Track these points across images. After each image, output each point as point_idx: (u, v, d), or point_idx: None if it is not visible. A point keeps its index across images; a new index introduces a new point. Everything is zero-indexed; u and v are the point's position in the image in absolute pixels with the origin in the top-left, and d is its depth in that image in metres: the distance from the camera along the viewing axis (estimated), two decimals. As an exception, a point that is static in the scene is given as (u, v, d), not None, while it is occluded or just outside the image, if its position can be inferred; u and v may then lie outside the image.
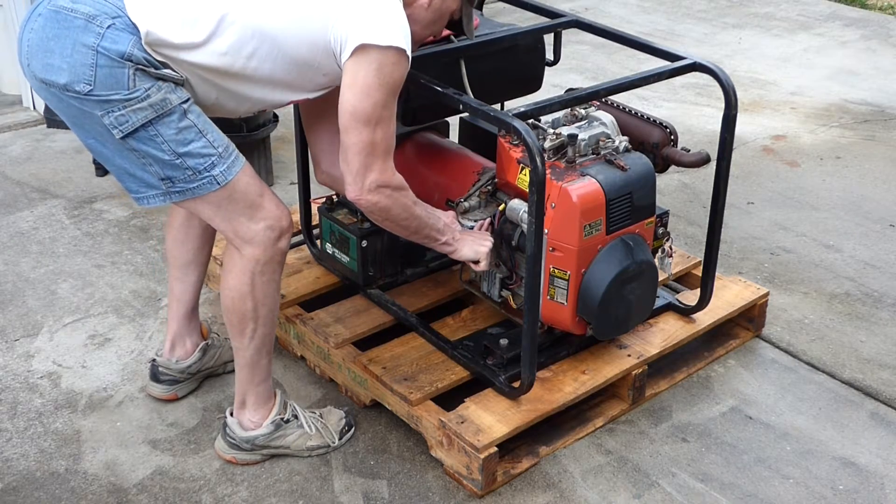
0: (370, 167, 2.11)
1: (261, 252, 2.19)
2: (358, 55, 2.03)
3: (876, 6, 6.44)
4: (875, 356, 2.93)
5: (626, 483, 2.42)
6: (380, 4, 2.06)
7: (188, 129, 2.07)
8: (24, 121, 4.31)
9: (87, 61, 1.99)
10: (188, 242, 2.54)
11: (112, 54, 1.98)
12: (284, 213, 2.22)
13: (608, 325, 2.49)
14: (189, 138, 2.07)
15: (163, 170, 2.09)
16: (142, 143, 2.06)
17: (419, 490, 2.38)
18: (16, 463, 2.44)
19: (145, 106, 2.02)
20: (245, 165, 2.16)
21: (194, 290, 2.60)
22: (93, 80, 1.99)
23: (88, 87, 2.00)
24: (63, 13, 2.01)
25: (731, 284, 2.97)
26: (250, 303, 2.25)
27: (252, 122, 3.59)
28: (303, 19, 2.07)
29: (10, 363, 2.80)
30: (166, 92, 2.04)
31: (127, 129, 2.03)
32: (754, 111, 4.67)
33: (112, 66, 1.99)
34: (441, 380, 2.51)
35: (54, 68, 2.01)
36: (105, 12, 2.00)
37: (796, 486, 2.43)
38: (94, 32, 1.98)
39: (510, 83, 2.77)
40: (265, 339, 2.33)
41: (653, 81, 2.53)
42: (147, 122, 2.03)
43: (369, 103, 2.05)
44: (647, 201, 2.46)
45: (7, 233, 3.46)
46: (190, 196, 2.13)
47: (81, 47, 1.99)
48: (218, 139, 2.12)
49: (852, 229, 3.64)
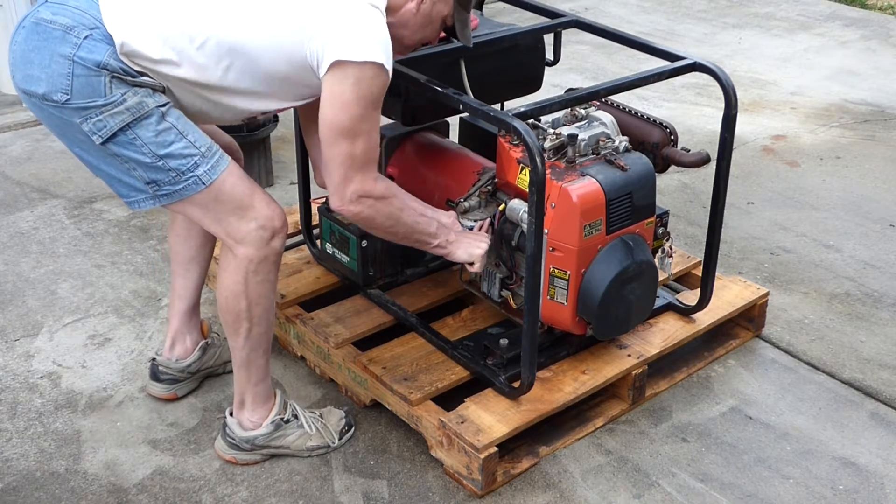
0: (350, 179, 2.12)
1: (253, 251, 2.19)
2: (334, 71, 2.03)
3: (876, 6, 6.44)
4: (875, 356, 2.93)
5: (626, 483, 2.42)
6: (356, 18, 2.04)
7: (167, 131, 2.08)
8: (24, 121, 4.31)
9: (64, 71, 2.02)
10: (191, 239, 2.55)
11: (88, 63, 2.01)
12: (277, 212, 2.22)
13: (608, 325, 2.49)
14: (169, 139, 2.08)
15: (146, 173, 2.10)
16: (122, 147, 2.07)
17: (419, 490, 2.38)
18: (16, 463, 2.44)
19: (122, 110, 2.04)
20: (230, 165, 2.17)
21: (196, 287, 2.61)
22: (69, 90, 2.02)
23: (66, 97, 2.03)
24: (43, 25, 2.04)
25: (731, 284, 2.97)
26: (244, 302, 2.25)
27: (252, 122, 3.59)
28: (278, 35, 2.07)
29: (10, 363, 2.80)
30: (143, 96, 2.05)
31: (105, 133, 2.05)
32: (754, 111, 4.67)
33: (88, 74, 2.02)
34: (441, 380, 2.51)
35: (33, 79, 2.05)
36: (83, 23, 2.03)
37: (796, 486, 2.43)
38: (71, 43, 2.02)
39: (510, 83, 2.77)
40: (261, 338, 2.33)
41: (653, 81, 2.53)
42: (125, 126, 2.05)
43: (347, 117, 2.06)
44: (647, 201, 2.46)
45: (7, 233, 3.46)
46: (177, 198, 2.13)
47: (58, 57, 2.02)
48: (199, 139, 2.13)
49: (852, 229, 3.64)
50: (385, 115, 2.67)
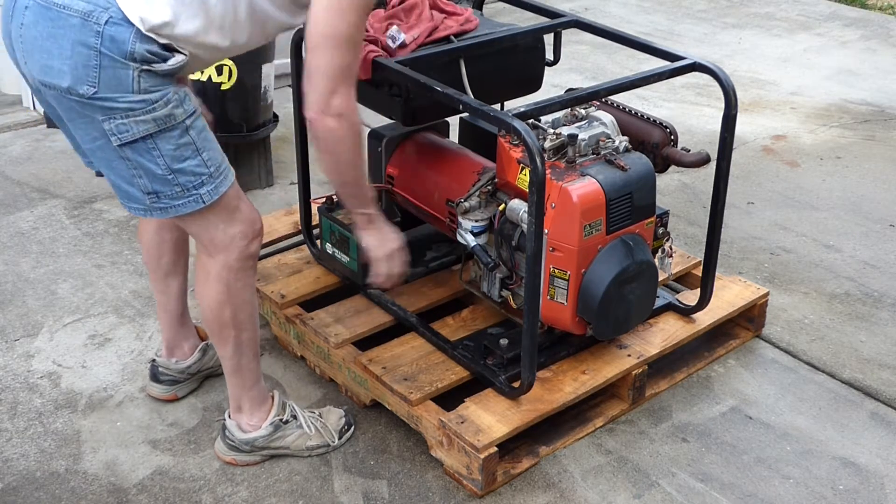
0: (336, 91, 2.03)
1: (234, 258, 2.18)
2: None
3: (876, 6, 6.44)
4: (875, 356, 2.93)
5: (626, 483, 2.42)
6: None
7: (186, 147, 2.04)
8: (24, 121, 4.31)
9: (91, 63, 1.92)
10: (163, 256, 2.51)
11: (115, 54, 1.92)
12: (257, 217, 2.21)
13: (608, 325, 2.49)
14: (185, 155, 2.05)
15: (152, 183, 2.05)
16: (138, 153, 2.02)
17: (419, 490, 2.38)
18: (16, 463, 2.44)
19: (149, 119, 1.98)
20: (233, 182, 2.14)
21: (178, 297, 2.58)
22: (97, 82, 1.93)
23: (93, 90, 1.94)
24: (55, 10, 1.92)
25: (731, 284, 2.97)
26: (228, 310, 2.23)
27: (252, 122, 3.59)
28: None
29: (10, 363, 2.80)
30: (173, 107, 2.00)
31: (126, 138, 1.99)
32: (754, 111, 4.67)
33: (115, 66, 1.93)
34: (441, 380, 2.51)
35: (55, 71, 1.95)
36: (98, 4, 1.92)
37: (796, 486, 2.43)
38: (93, 31, 1.91)
39: (510, 83, 2.77)
40: (249, 343, 2.31)
41: (653, 81, 2.53)
42: (147, 135, 2.00)
43: (344, 24, 1.99)
44: (647, 201, 2.46)
45: (7, 233, 3.46)
46: (173, 213, 2.10)
47: (81, 48, 1.92)
48: (212, 158, 2.10)
49: (852, 229, 3.64)
50: (385, 115, 2.68)
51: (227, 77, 3.42)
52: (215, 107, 3.23)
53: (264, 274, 2.91)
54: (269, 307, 2.84)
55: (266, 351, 2.85)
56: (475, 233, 2.54)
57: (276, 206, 3.59)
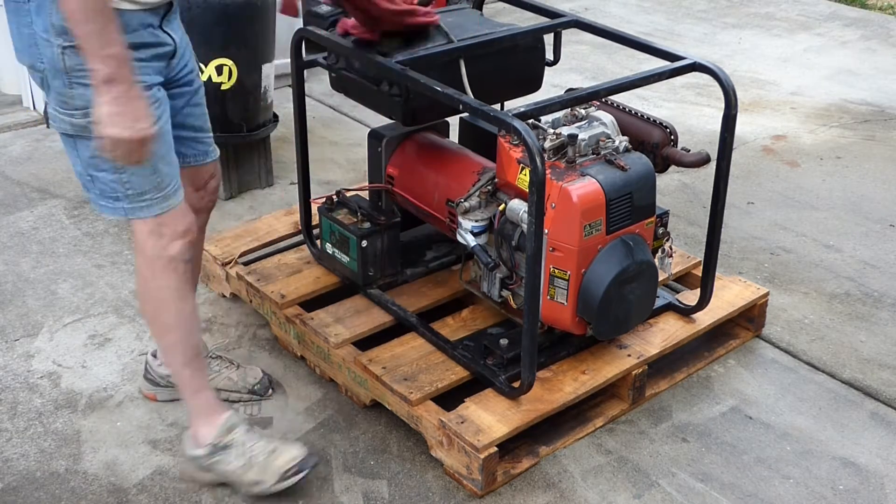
0: None
1: (151, 254, 2.13)
2: None
3: (876, 6, 6.44)
4: (875, 356, 2.93)
5: (626, 483, 2.42)
6: None
7: (103, 160, 1.98)
8: (24, 121, 4.31)
9: (31, 42, 1.96)
10: None
11: (39, 29, 1.94)
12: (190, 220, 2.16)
13: (608, 325, 2.49)
14: (102, 167, 2.03)
15: (80, 177, 2.10)
16: (66, 145, 2.07)
17: (419, 490, 2.38)
18: (16, 463, 2.44)
19: (66, 121, 2.01)
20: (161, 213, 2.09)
21: None
22: (42, 57, 1.96)
23: (43, 65, 1.97)
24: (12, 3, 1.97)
25: (731, 284, 2.97)
26: (149, 306, 2.22)
27: (252, 122, 3.59)
28: None
29: (10, 363, 2.80)
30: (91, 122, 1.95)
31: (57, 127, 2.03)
32: (754, 111, 4.67)
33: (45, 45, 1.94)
34: (441, 380, 2.51)
35: (19, 52, 2.02)
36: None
37: (796, 486, 2.43)
38: (24, 10, 1.95)
39: (510, 83, 2.77)
40: (176, 347, 2.21)
41: (653, 81, 2.53)
42: (66, 134, 2.04)
43: None
44: (647, 201, 2.46)
45: (7, 233, 3.46)
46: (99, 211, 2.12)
47: (22, 28, 1.97)
48: (134, 183, 2.05)
49: (852, 229, 3.64)
50: (385, 115, 2.68)
51: (227, 77, 3.42)
52: (215, 107, 3.23)
53: (264, 274, 2.91)
54: (269, 307, 2.84)
55: (266, 351, 2.85)
56: (475, 233, 2.54)
57: (276, 206, 3.59)
